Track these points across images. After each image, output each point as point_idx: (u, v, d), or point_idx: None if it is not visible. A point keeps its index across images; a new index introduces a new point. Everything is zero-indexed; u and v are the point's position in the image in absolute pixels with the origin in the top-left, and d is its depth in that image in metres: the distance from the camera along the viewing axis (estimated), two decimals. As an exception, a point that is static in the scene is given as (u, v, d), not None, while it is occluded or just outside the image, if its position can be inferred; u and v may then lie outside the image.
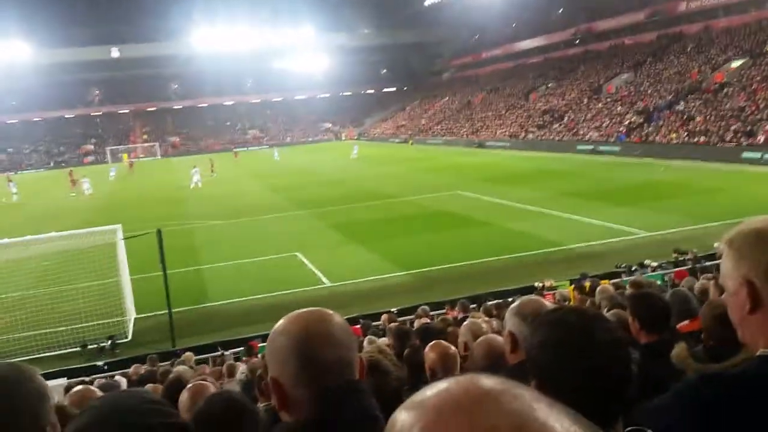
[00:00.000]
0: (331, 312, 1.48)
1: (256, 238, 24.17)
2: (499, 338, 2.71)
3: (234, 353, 11.86)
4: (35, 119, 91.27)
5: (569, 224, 21.99)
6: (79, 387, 3.70)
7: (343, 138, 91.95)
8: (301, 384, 1.39)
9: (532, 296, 2.51)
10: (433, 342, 3.35)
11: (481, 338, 2.74)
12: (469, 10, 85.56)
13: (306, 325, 1.44)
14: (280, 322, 1.48)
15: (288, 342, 1.42)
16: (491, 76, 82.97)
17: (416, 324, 8.86)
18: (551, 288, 12.70)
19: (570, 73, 64.94)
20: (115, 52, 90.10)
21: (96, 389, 2.40)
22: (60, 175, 59.30)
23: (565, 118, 53.51)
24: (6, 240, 18.57)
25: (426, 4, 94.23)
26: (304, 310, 1.49)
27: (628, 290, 7.19)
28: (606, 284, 10.17)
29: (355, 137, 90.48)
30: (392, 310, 12.44)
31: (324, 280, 17.64)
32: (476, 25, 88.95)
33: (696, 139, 37.21)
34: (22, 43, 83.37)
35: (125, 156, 78.68)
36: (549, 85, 65.39)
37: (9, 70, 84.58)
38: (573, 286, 11.99)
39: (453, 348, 3.16)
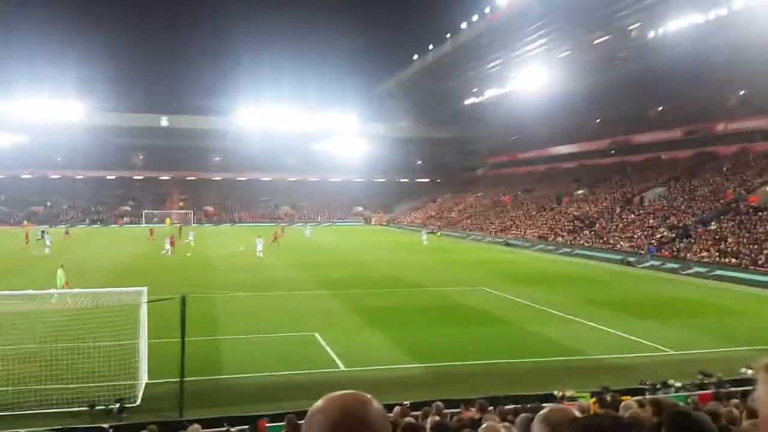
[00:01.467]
0: (369, 397, 1.48)
1: (276, 313, 24.12)
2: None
3: (240, 431, 11.61)
4: (77, 177, 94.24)
5: (593, 333, 21.53)
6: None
7: (373, 222, 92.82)
8: None
9: (560, 405, 2.46)
10: (485, 425, 3.28)
11: None
12: (507, 112, 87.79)
13: (344, 406, 1.44)
14: (319, 401, 1.49)
15: (324, 422, 1.42)
16: (525, 176, 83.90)
17: (429, 421, 8.62)
18: (571, 398, 12.31)
19: (603, 182, 65.36)
20: (164, 121, 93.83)
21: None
22: (101, 232, 60.33)
23: (596, 225, 53.42)
24: (31, 291, 18.85)
25: (466, 103, 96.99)
26: (345, 392, 1.50)
27: (649, 409, 6.95)
28: (629, 400, 9.84)
29: (384, 223, 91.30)
30: (405, 403, 12.13)
31: (339, 363, 17.39)
32: (514, 126, 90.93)
33: (727, 260, 36.69)
34: (76, 104, 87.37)
35: (168, 220, 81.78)
36: (582, 192, 65.76)
37: (59, 127, 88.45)
38: (594, 398, 11.61)
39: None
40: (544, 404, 10.66)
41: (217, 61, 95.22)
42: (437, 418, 8.80)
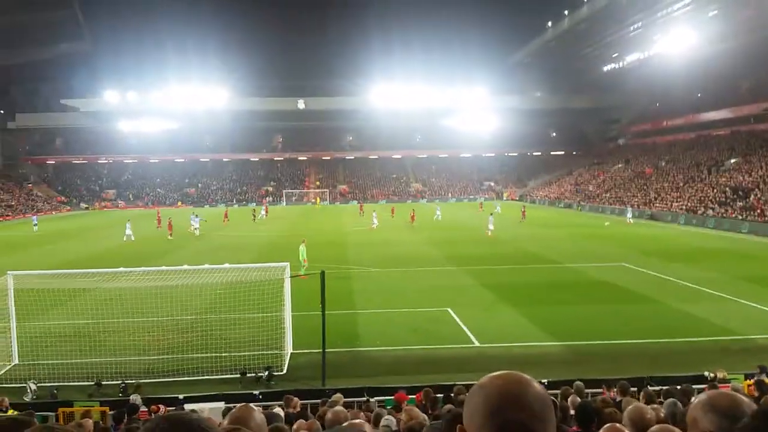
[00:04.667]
0: (529, 378, 1.49)
1: (410, 288, 24.50)
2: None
3: (379, 401, 11.97)
4: (224, 159, 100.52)
5: (748, 312, 19.93)
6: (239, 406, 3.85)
7: (505, 198, 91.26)
8: None
9: (722, 390, 2.24)
10: (608, 425, 3.14)
11: (658, 431, 2.51)
12: (650, 78, 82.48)
13: (502, 384, 1.47)
14: (483, 378, 1.53)
15: (481, 396, 1.47)
16: (671, 145, 78.61)
17: (569, 401, 8.44)
18: (724, 380, 11.53)
19: (759, 149, 59.81)
20: (301, 104, 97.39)
21: (255, 409, 2.45)
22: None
23: (751, 197, 49.14)
24: (186, 267, 20.46)
25: (604, 69, 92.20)
26: (506, 372, 1.52)
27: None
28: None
29: (517, 198, 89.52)
30: (543, 381, 11.95)
31: (473, 339, 17.39)
32: (657, 92, 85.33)
33: None
34: (221, 90, 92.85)
35: (318, 199, 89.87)
36: (735, 160, 60.63)
37: (207, 113, 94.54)
38: (750, 381, 10.79)
39: (628, 434, 2.94)
40: (694, 386, 10.09)
41: (349, 42, 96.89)
42: (578, 398, 8.60)
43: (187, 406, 11.38)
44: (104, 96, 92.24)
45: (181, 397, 12.88)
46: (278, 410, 8.15)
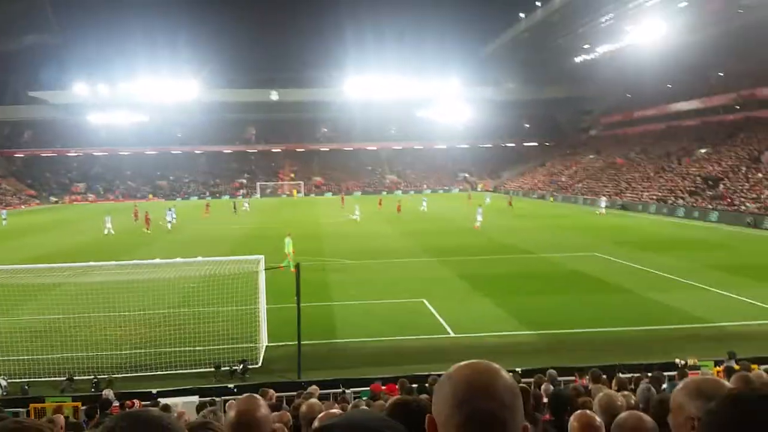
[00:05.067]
0: (497, 367, 1.48)
1: (386, 280, 24.53)
2: (648, 420, 2.49)
3: (355, 392, 12.00)
4: (197, 152, 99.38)
5: (718, 300, 20.33)
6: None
7: (479, 189, 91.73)
8: (450, 428, 1.42)
9: (707, 376, 2.25)
10: (579, 412, 3.15)
11: (626, 417, 2.51)
12: (622, 69, 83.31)
13: (470, 374, 1.46)
14: (450, 368, 1.52)
15: (449, 386, 1.46)
16: (641, 136, 79.65)
17: (542, 388, 8.53)
18: (694, 367, 11.76)
19: (728, 139, 60.87)
20: (274, 95, 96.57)
21: (262, 400, 2.42)
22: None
23: (720, 186, 50.05)
24: (158, 260, 20.23)
25: (577, 61, 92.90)
26: (473, 361, 1.51)
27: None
28: (758, 370, 9.24)
29: (491, 189, 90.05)
30: (516, 369, 12.09)
31: (448, 329, 17.49)
32: (629, 83, 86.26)
33: None
34: (192, 82, 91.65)
35: (295, 191, 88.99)
36: (704, 150, 61.62)
37: (178, 105, 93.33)
38: (720, 367, 11.02)
39: (599, 420, 2.95)
40: (664, 373, 10.27)
41: (322, 33, 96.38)
42: (551, 386, 8.70)
43: (161, 401, 11.27)
44: (73, 88, 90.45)
45: (154, 391, 12.76)
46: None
